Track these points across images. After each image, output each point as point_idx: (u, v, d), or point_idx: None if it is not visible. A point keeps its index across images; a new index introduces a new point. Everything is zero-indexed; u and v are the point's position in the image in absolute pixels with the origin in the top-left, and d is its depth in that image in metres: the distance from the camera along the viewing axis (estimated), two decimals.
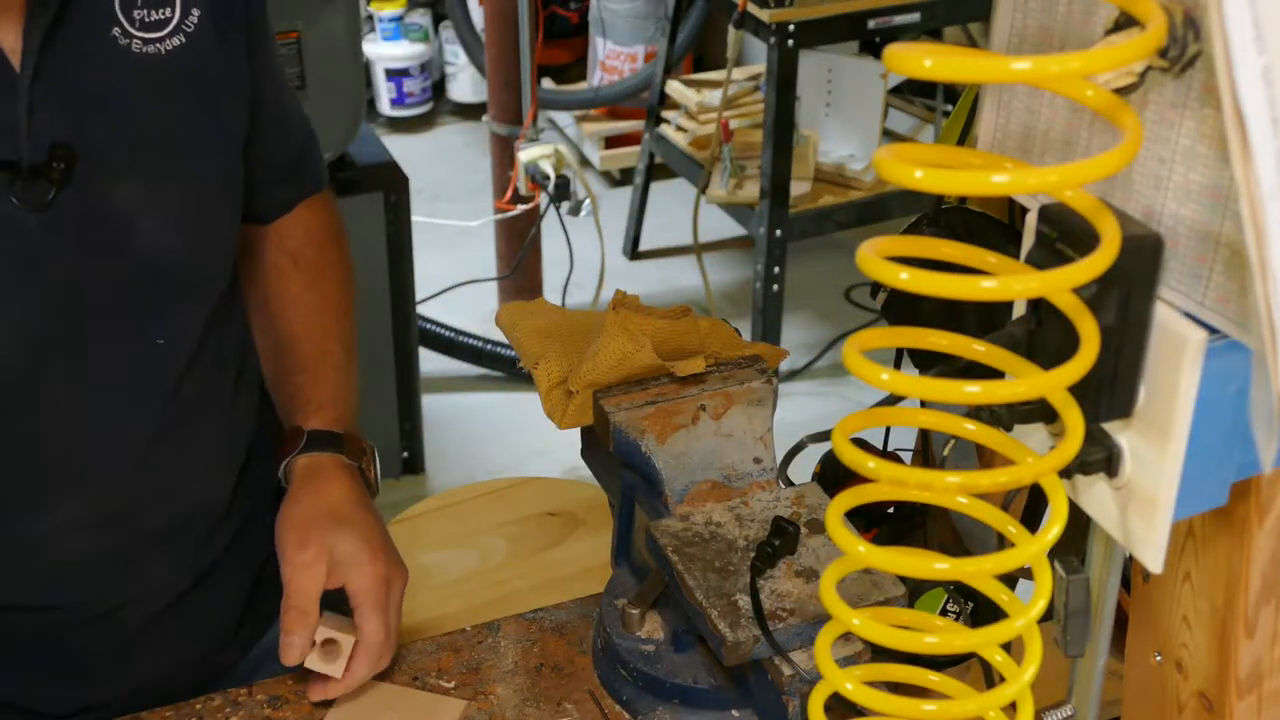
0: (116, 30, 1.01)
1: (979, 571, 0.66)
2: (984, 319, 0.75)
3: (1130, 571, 0.79)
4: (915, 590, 1.05)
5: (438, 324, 3.13)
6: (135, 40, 1.02)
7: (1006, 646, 0.70)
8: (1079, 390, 0.62)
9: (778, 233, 3.05)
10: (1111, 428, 0.67)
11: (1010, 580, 0.94)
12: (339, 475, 1.16)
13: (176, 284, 1.08)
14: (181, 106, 1.06)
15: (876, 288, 1.00)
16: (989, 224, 0.96)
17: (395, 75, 4.24)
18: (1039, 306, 0.65)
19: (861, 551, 0.64)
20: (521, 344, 1.19)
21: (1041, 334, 0.65)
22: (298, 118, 1.26)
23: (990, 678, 0.85)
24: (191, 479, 1.14)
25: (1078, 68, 0.53)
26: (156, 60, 1.03)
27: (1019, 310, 0.68)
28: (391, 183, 2.55)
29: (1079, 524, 0.73)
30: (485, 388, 3.21)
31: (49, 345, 1.02)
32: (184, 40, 1.04)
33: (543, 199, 3.22)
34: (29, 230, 0.98)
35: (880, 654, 0.87)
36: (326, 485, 1.15)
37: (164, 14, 1.03)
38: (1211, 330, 0.62)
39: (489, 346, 3.16)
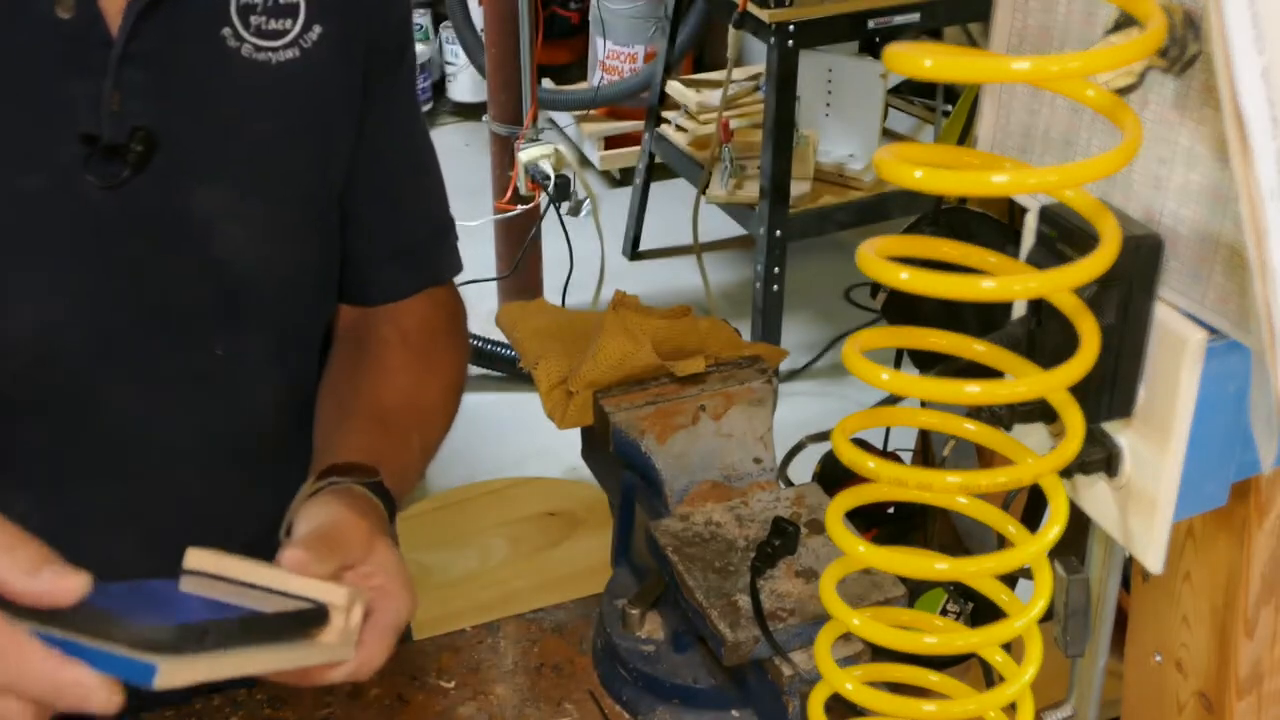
0: (227, 30, 0.98)
1: (979, 571, 0.66)
2: (984, 319, 0.75)
3: (1130, 571, 0.79)
4: (915, 590, 1.05)
5: None
6: (246, 45, 0.99)
7: (1006, 646, 0.70)
8: (1079, 390, 0.62)
9: (778, 233, 3.05)
10: (1111, 428, 0.67)
11: (1010, 580, 0.94)
12: (374, 505, 0.99)
13: (242, 300, 1.03)
14: (280, 122, 1.02)
15: (876, 288, 1.01)
16: (989, 224, 0.96)
17: None
18: (1039, 306, 0.65)
19: (861, 551, 0.64)
20: (522, 344, 1.19)
21: (1041, 334, 0.65)
22: (433, 203, 1.19)
23: (990, 678, 0.85)
24: (235, 500, 1.10)
25: (1078, 68, 0.53)
26: (264, 69, 0.99)
27: (1019, 310, 0.68)
28: None
29: (1079, 524, 0.73)
30: (485, 388, 3.21)
31: (105, 333, 0.99)
32: (297, 54, 1.00)
33: (543, 199, 3.22)
34: (100, 208, 0.96)
35: (880, 654, 0.87)
36: (365, 504, 0.98)
37: (283, 25, 1.00)
38: (1211, 330, 0.62)
39: (489, 346, 3.16)
